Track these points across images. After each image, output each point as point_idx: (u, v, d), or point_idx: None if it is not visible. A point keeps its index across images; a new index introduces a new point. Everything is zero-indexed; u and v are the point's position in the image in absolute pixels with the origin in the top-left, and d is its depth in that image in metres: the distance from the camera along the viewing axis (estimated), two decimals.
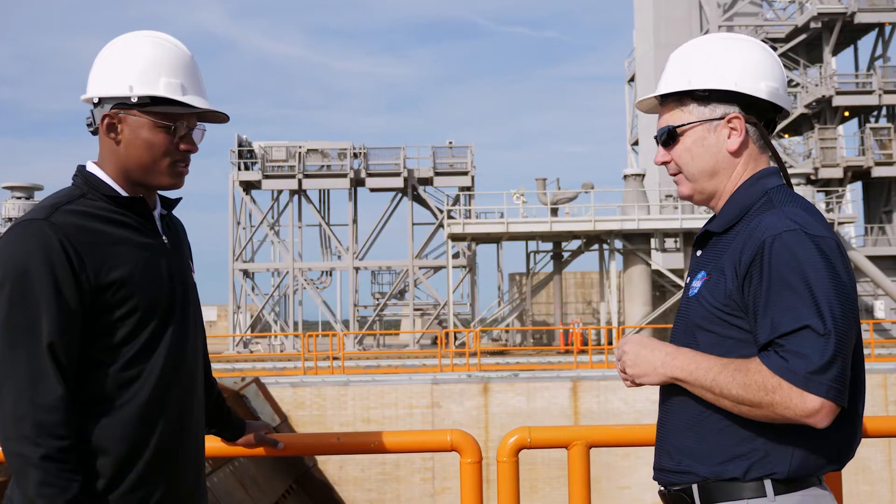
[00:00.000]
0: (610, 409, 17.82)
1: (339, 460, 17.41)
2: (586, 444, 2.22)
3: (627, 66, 40.60)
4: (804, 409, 1.48)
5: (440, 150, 29.99)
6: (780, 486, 1.59)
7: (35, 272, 1.59)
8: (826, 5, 30.19)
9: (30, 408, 1.55)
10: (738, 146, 1.71)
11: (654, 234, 27.39)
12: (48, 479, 1.53)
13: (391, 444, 2.19)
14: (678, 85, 1.74)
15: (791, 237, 1.55)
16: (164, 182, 1.76)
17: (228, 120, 1.83)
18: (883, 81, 30.65)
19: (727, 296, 1.61)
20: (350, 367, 20.48)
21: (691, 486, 1.65)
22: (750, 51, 1.73)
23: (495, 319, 30.94)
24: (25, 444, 1.54)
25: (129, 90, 1.69)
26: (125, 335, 1.67)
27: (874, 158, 30.44)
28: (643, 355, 1.67)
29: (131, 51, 1.72)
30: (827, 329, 1.49)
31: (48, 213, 1.63)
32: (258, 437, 2.15)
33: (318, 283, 33.14)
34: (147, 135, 1.71)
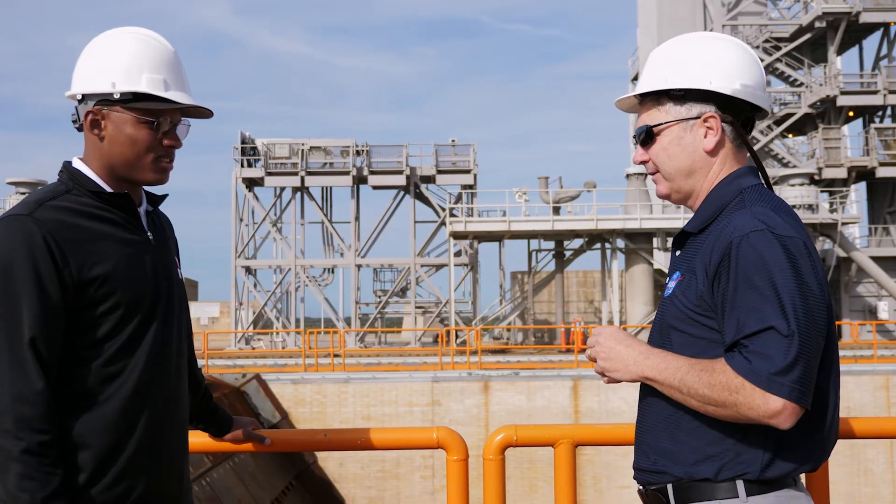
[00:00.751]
0: (611, 408, 17.81)
1: (339, 457, 17.42)
2: (572, 442, 2.22)
3: (631, 65, 40.53)
4: (766, 410, 1.48)
5: (443, 148, 29.99)
6: (752, 487, 1.59)
7: (18, 267, 1.59)
8: (831, 5, 30.11)
9: (10, 401, 1.55)
10: (713, 145, 1.71)
11: (656, 233, 27.36)
12: (29, 473, 1.54)
13: (378, 440, 2.19)
14: (655, 84, 1.74)
15: (758, 237, 1.55)
16: (148, 177, 1.77)
17: (212, 115, 1.83)
18: (888, 81, 30.56)
19: (699, 296, 1.62)
20: (351, 365, 20.49)
21: (666, 486, 1.66)
22: (727, 50, 1.72)
23: (497, 318, 30.94)
24: (6, 438, 1.54)
25: (112, 86, 1.70)
26: (108, 331, 1.68)
27: (878, 158, 30.35)
28: (617, 350, 1.67)
29: (114, 47, 1.73)
30: (791, 330, 1.49)
31: (32, 209, 1.64)
32: (245, 433, 2.16)
33: (320, 281, 33.17)
34: (130, 131, 1.72)
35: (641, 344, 1.68)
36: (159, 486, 1.74)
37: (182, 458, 1.83)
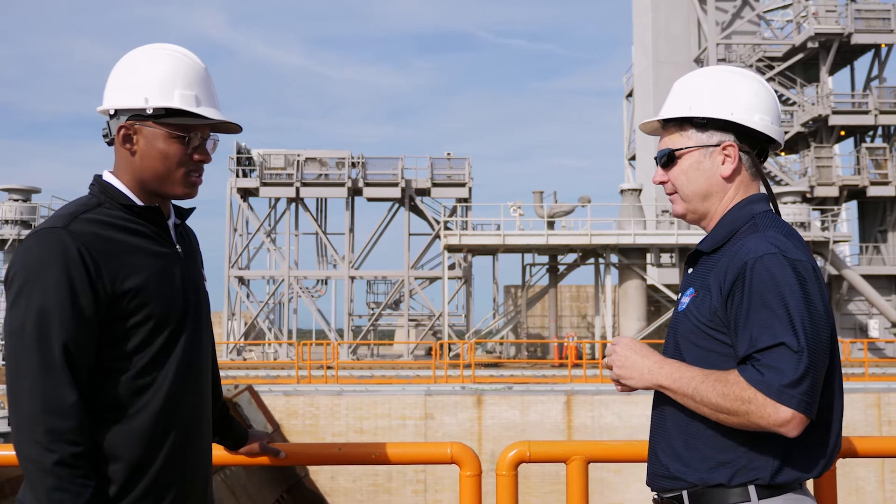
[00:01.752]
0: (604, 423, 17.80)
1: (330, 471, 17.35)
2: (585, 458, 2.24)
3: (626, 82, 40.78)
4: (776, 419, 1.59)
5: (438, 161, 30.05)
6: (763, 491, 1.69)
7: (53, 279, 1.61)
8: (823, 25, 30.40)
9: (43, 413, 1.56)
10: (730, 172, 1.82)
11: (649, 249, 27.44)
12: (61, 485, 1.55)
13: (392, 455, 2.20)
14: (680, 111, 1.85)
15: (771, 260, 1.66)
16: (178, 192, 1.79)
17: (241, 130, 1.86)
18: (879, 102, 30.84)
19: (712, 312, 1.72)
20: (344, 377, 20.44)
21: (682, 493, 1.75)
22: (748, 85, 1.84)
23: (490, 331, 30.93)
24: (38, 449, 1.55)
25: (145, 102, 1.73)
26: (139, 343, 1.69)
27: (869, 178, 30.58)
28: (633, 359, 1.77)
29: (147, 63, 1.76)
30: (800, 346, 1.59)
31: (67, 222, 1.66)
32: (261, 447, 2.16)
33: (313, 292, 33.11)
34: (162, 145, 1.75)
35: (656, 354, 1.78)
36: (186, 497, 1.76)
37: (207, 471, 1.85)
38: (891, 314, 29.25)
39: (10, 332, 1.62)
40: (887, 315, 29.20)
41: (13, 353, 1.61)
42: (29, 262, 1.62)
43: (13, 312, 1.62)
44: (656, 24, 35.64)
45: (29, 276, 1.61)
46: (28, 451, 1.56)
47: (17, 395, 1.59)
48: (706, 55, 33.56)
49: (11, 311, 1.63)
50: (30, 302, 1.60)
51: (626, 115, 41.07)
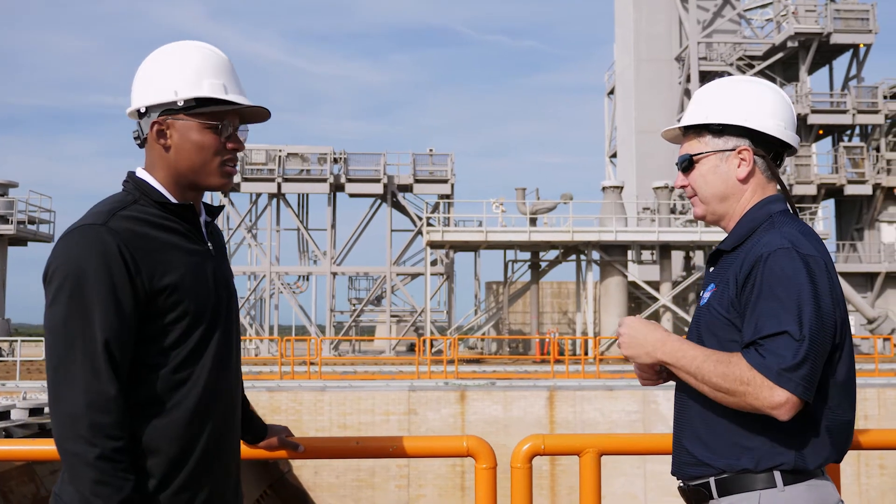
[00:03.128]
0: (585, 419, 17.91)
1: (314, 466, 17.32)
2: (598, 451, 2.28)
3: (607, 79, 40.96)
4: (771, 401, 1.67)
5: (420, 158, 30.06)
6: (788, 477, 1.76)
7: (93, 275, 1.62)
8: (803, 25, 30.74)
9: (85, 408, 1.57)
10: (746, 175, 1.92)
11: (630, 246, 27.63)
12: (103, 479, 1.56)
13: (409, 448, 2.23)
14: (697, 119, 1.95)
15: (784, 254, 1.75)
16: (214, 182, 1.80)
17: (269, 117, 1.86)
18: (857, 101, 31.24)
19: (730, 303, 1.82)
20: (327, 373, 20.40)
21: (709, 480, 1.81)
22: (763, 93, 1.94)
23: (472, 328, 30.99)
24: (81, 444, 1.56)
25: (175, 95, 1.74)
26: (176, 339, 1.70)
27: (847, 177, 30.99)
28: (637, 338, 1.86)
29: (172, 58, 1.77)
30: (802, 335, 1.68)
31: (105, 219, 1.67)
32: (280, 440, 2.18)
33: (295, 288, 33.01)
34: (196, 137, 1.76)
35: (661, 331, 1.85)
36: (220, 492, 1.77)
37: (237, 465, 1.86)
38: (867, 311, 29.68)
39: (51, 328, 1.63)
40: (863, 312, 29.64)
41: (54, 349, 1.62)
42: (69, 259, 1.63)
43: (54, 309, 1.63)
44: (638, 22, 35.84)
45: (69, 272, 1.62)
46: (71, 445, 1.57)
47: (58, 391, 1.60)
48: (687, 53, 33.80)
49: (52, 307, 1.63)
50: (71, 298, 1.61)
51: (608, 113, 41.26)
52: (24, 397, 13.38)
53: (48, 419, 12.16)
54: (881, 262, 31.15)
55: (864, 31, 31.07)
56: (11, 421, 11.56)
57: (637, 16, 35.81)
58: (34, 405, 12.41)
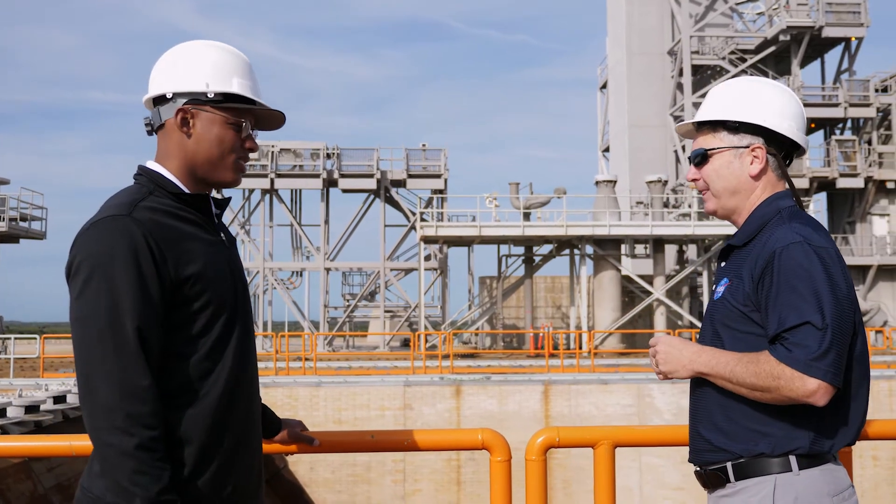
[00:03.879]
0: (581, 412, 17.97)
1: (310, 461, 17.32)
2: (612, 443, 2.28)
3: (600, 73, 40.97)
4: (805, 391, 1.74)
5: (413, 153, 30.02)
6: (803, 461, 1.83)
7: (122, 265, 1.63)
8: (795, 19, 30.81)
9: (120, 399, 1.58)
10: (758, 171, 1.99)
11: (624, 240, 27.67)
12: (143, 468, 1.56)
13: (423, 442, 2.23)
14: (714, 115, 2.02)
15: (797, 248, 1.82)
16: (227, 177, 1.84)
17: (283, 124, 1.91)
18: (848, 95, 31.35)
19: (745, 296, 1.88)
20: (322, 369, 20.40)
21: (726, 465, 1.88)
22: (779, 94, 2.02)
23: (465, 322, 31.01)
24: (119, 435, 1.57)
25: (206, 86, 1.77)
26: (201, 328, 1.72)
27: (839, 170, 31.12)
28: (673, 354, 1.93)
29: (205, 52, 1.81)
30: (825, 324, 1.75)
31: (130, 210, 1.68)
32: (293, 434, 2.18)
33: (288, 284, 32.95)
34: (218, 130, 1.79)
35: (693, 345, 1.93)
36: (247, 480, 1.79)
37: (260, 454, 1.88)
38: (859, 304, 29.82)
39: (80, 319, 1.63)
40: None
41: (85, 340, 1.61)
42: (97, 250, 1.63)
43: (83, 299, 1.63)
44: (630, 15, 35.84)
45: (98, 263, 1.62)
46: (107, 436, 1.57)
47: (91, 382, 1.60)
48: (679, 47, 33.84)
49: (81, 298, 1.63)
50: (100, 288, 1.61)
51: (601, 107, 41.29)
52: (19, 394, 13.33)
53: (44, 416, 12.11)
54: (873, 255, 31.30)
55: (855, 24, 31.16)
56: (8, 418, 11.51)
57: (629, 9, 35.81)
58: (30, 402, 12.37)
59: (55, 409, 12.71)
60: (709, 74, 34.42)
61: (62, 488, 11.18)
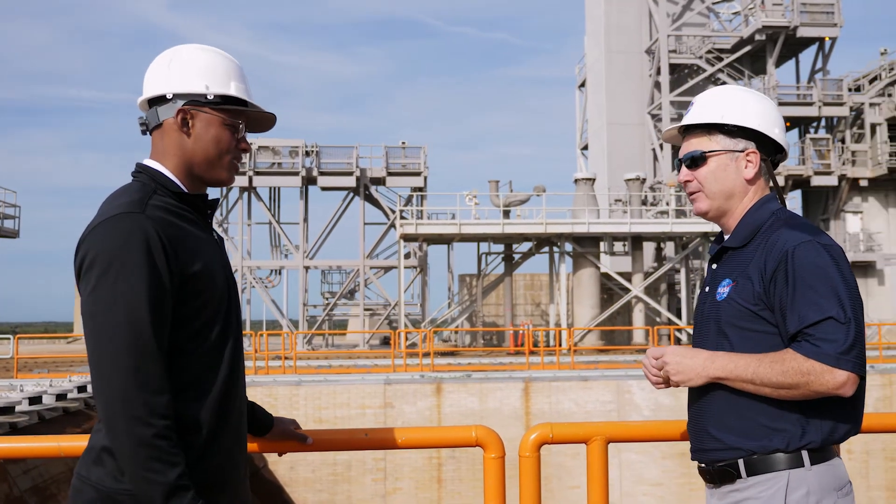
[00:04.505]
0: (561, 409, 18.04)
1: (290, 461, 17.25)
2: (605, 439, 2.29)
3: (578, 72, 41.12)
4: (835, 383, 1.79)
5: (393, 150, 29.95)
6: (814, 456, 1.87)
7: (137, 260, 1.68)
8: (770, 19, 31.11)
9: (138, 389, 1.63)
10: (753, 175, 2.04)
11: (603, 237, 27.82)
12: (160, 456, 1.62)
13: (418, 439, 2.23)
14: (712, 118, 2.06)
15: (808, 247, 1.87)
16: (222, 176, 1.90)
17: (273, 126, 2.00)
18: (822, 94, 31.72)
19: (755, 296, 1.91)
20: (301, 367, 20.32)
21: (737, 462, 1.90)
22: (766, 104, 2.10)
23: (445, 320, 31.02)
24: (137, 424, 1.62)
25: (206, 88, 1.85)
26: (204, 323, 1.78)
27: (813, 168, 31.48)
28: (685, 363, 1.94)
29: (204, 56, 1.89)
30: (847, 318, 1.80)
31: (142, 207, 1.74)
32: (287, 431, 2.18)
33: (266, 283, 32.76)
34: (216, 131, 1.86)
35: (703, 351, 1.95)
36: (239, 471, 1.86)
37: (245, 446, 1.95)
38: None
39: (96, 313, 1.67)
40: None
41: (100, 333, 1.65)
42: (112, 245, 1.68)
43: (99, 293, 1.66)
44: (608, 14, 36.00)
45: (113, 258, 1.67)
46: (125, 426, 1.62)
47: (106, 373, 1.63)
48: (657, 46, 34.05)
49: (96, 292, 1.67)
50: (116, 282, 1.66)
51: (579, 105, 41.45)
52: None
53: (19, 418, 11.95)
54: (847, 252, 31.71)
55: (829, 24, 31.53)
56: None
57: (607, 8, 35.97)
58: (4, 404, 12.20)
59: (30, 410, 12.55)
60: (686, 73, 34.68)
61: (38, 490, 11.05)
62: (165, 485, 1.61)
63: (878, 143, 31.89)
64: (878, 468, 17.63)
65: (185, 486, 1.63)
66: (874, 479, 17.61)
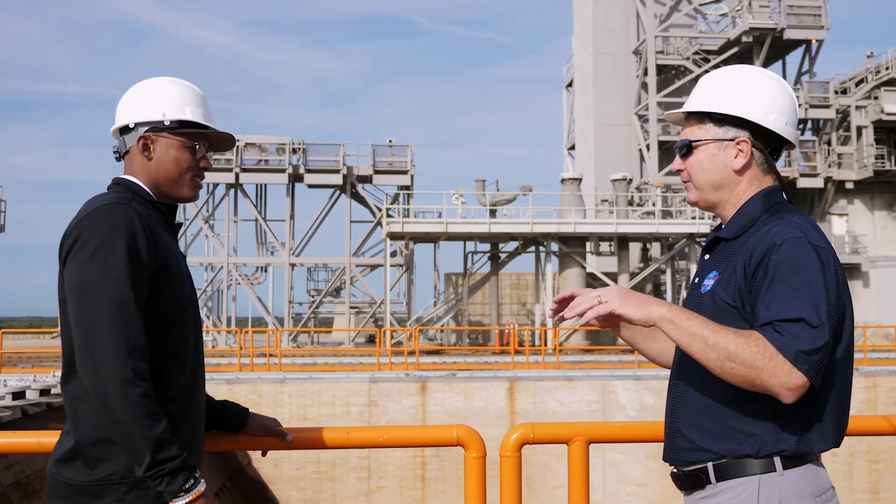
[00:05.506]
0: (546, 409, 18.08)
1: (274, 459, 17.19)
2: (586, 439, 2.29)
3: (566, 72, 41.20)
4: (788, 382, 1.67)
5: (380, 149, 29.92)
6: (787, 462, 1.78)
7: (124, 243, 1.86)
8: (757, 20, 31.28)
9: (127, 354, 1.80)
10: (741, 166, 1.92)
11: (589, 237, 27.90)
12: (148, 413, 1.79)
13: (399, 438, 2.22)
14: (700, 106, 1.95)
15: (796, 243, 1.76)
16: (185, 193, 2.10)
17: (234, 146, 2.21)
18: (809, 96, 31.92)
19: (736, 290, 1.82)
20: (286, 365, 20.26)
21: (706, 466, 1.82)
22: (769, 86, 1.94)
23: (431, 319, 31.02)
24: (127, 385, 1.79)
25: (163, 115, 2.04)
26: (174, 313, 1.97)
27: (799, 170, 31.68)
28: (633, 295, 1.83)
29: (162, 87, 2.08)
30: (820, 322, 1.69)
31: (128, 200, 1.95)
32: (265, 427, 2.19)
33: (252, 280, 32.65)
34: (175, 153, 2.05)
35: None
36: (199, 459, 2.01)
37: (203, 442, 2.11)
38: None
39: (84, 288, 1.83)
40: None
41: (90, 305, 1.82)
42: (102, 228, 1.86)
43: (88, 270, 1.84)
44: (596, 15, 36.09)
45: (103, 239, 1.85)
46: (116, 387, 1.78)
47: (95, 340, 1.80)
48: (644, 47, 34.17)
49: (86, 268, 1.84)
50: (106, 260, 1.84)
51: (566, 105, 41.53)
52: None
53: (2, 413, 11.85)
54: None
55: (816, 26, 31.73)
56: None
57: (595, 9, 36.06)
58: None
59: (14, 405, 12.44)
60: (673, 74, 34.81)
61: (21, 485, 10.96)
62: (154, 438, 1.78)
63: (864, 146, 32.13)
64: (862, 471, 17.76)
65: (170, 440, 1.81)
66: (858, 481, 17.74)
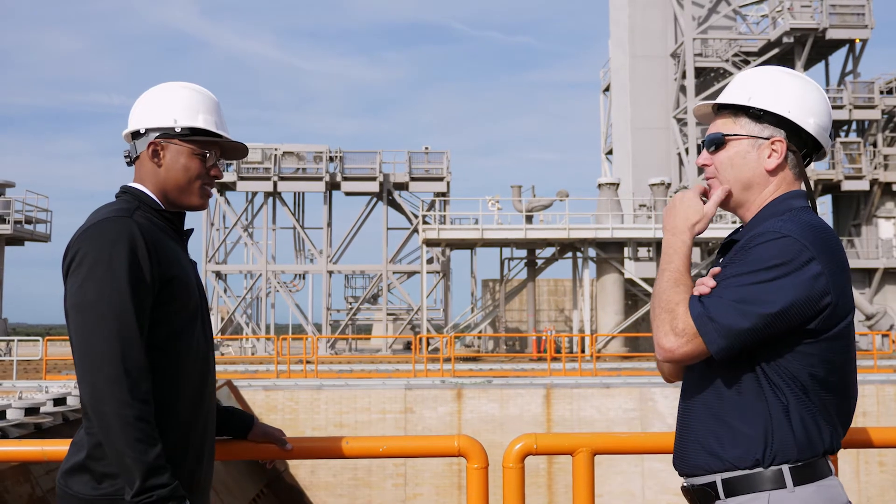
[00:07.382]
0: (583, 416, 17.90)
1: (311, 465, 17.29)
2: (591, 450, 2.24)
3: (602, 76, 40.92)
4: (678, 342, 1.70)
5: (416, 156, 30.01)
6: (797, 477, 1.71)
7: (125, 258, 1.82)
8: (798, 21, 30.72)
9: (123, 374, 1.76)
10: (774, 166, 1.84)
11: (627, 242, 27.60)
12: (142, 437, 1.75)
13: (399, 448, 2.20)
14: (738, 99, 1.88)
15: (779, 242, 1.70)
16: (194, 201, 2.05)
17: (246, 154, 2.13)
18: (853, 96, 31.25)
19: None
20: (323, 371, 20.38)
21: (715, 481, 1.76)
22: (809, 90, 1.88)
23: (468, 325, 30.96)
24: (122, 406, 1.75)
25: (174, 122, 2.01)
26: (180, 326, 1.93)
27: (844, 172, 30.99)
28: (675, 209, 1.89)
29: (174, 93, 2.04)
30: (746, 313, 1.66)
31: (131, 213, 1.91)
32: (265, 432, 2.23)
33: (291, 287, 32.95)
34: (185, 160, 2.02)
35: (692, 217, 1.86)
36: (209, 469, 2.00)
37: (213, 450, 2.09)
38: (865, 308, 29.69)
39: (83, 304, 1.80)
40: (861, 308, 29.64)
41: (89, 323, 1.79)
42: (103, 243, 1.83)
43: (88, 285, 1.80)
44: (633, 18, 35.79)
45: (102, 255, 1.81)
46: (112, 408, 1.75)
47: (93, 359, 1.77)
48: (682, 50, 33.78)
49: (85, 284, 1.80)
50: (106, 276, 1.80)
51: (603, 110, 41.24)
52: (20, 397, 13.32)
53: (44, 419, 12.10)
54: (879, 258, 31.17)
55: (859, 25, 31.05)
56: (7, 420, 11.49)
57: (632, 12, 35.76)
58: (30, 405, 12.34)
59: (55, 411, 12.69)
60: (712, 77, 34.35)
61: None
62: (146, 463, 1.75)
63: None
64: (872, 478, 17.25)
65: (163, 467, 1.77)
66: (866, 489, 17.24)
